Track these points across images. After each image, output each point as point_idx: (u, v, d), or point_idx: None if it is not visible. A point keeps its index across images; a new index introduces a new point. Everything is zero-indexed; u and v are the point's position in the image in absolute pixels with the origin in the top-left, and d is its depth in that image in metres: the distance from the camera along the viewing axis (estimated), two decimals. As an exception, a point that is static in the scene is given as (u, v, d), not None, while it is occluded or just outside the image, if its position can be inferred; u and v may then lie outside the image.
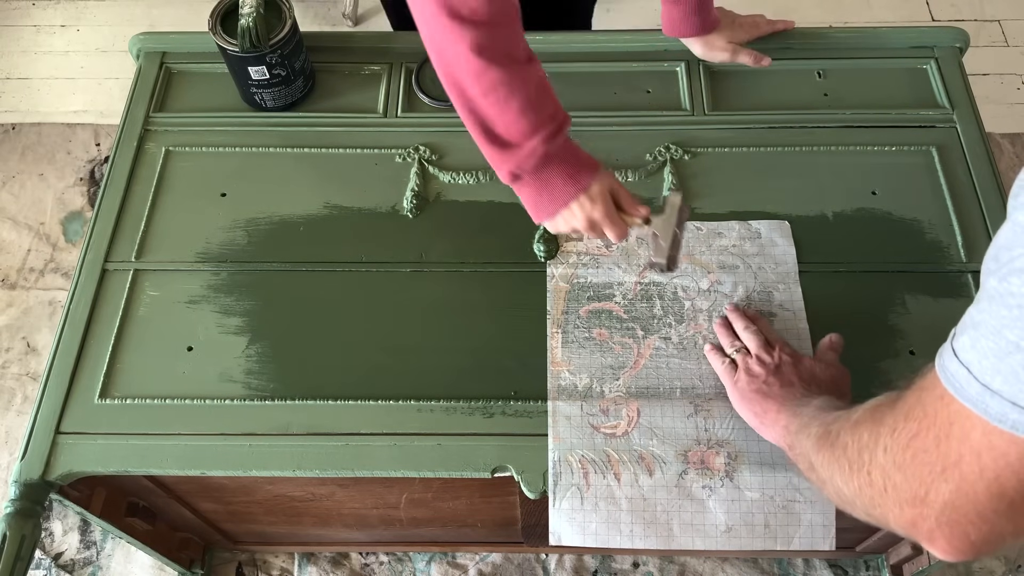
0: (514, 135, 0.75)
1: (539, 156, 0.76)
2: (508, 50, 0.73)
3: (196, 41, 1.14)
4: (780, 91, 1.11)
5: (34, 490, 0.85)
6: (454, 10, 0.70)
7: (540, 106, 0.75)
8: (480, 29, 0.70)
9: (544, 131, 0.75)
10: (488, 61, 0.71)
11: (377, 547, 1.36)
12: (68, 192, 1.78)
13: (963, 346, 0.44)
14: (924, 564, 1.18)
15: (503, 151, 0.76)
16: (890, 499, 0.51)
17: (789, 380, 0.80)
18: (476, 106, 0.74)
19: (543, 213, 0.81)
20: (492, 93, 0.73)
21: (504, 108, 0.73)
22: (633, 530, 0.85)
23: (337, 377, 0.91)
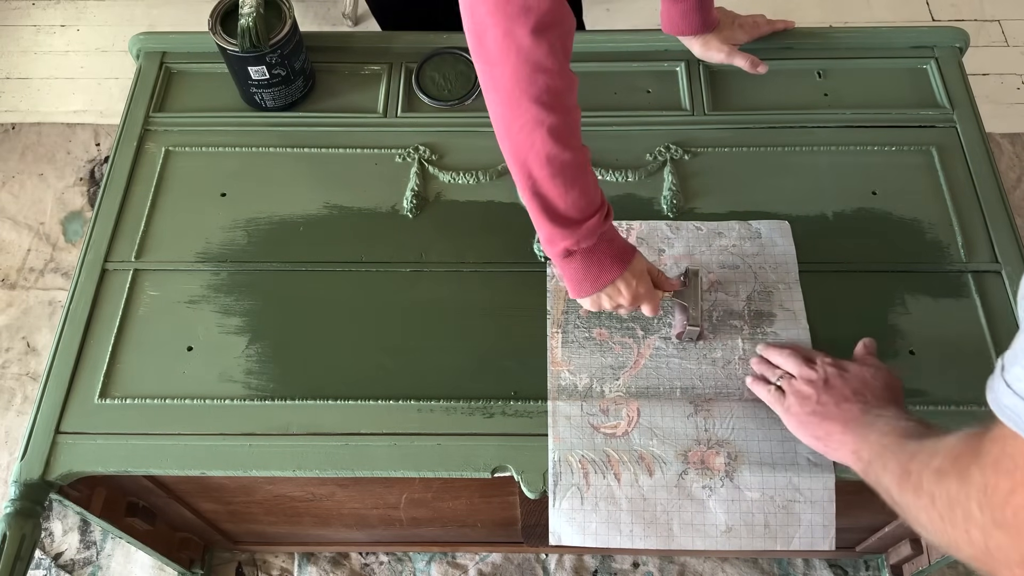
0: (574, 213, 0.77)
1: (597, 235, 0.79)
2: (575, 134, 0.75)
3: (196, 41, 1.14)
4: (780, 91, 1.11)
5: (34, 490, 0.85)
6: (538, 96, 0.71)
7: (595, 188, 0.79)
8: (558, 115, 0.72)
9: (602, 211, 0.79)
10: (563, 146, 0.73)
11: (377, 547, 1.36)
12: (68, 192, 1.78)
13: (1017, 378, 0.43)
14: (924, 564, 1.18)
15: (563, 228, 0.78)
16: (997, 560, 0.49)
17: (843, 395, 0.78)
18: (543, 187, 0.76)
19: (588, 288, 0.83)
20: (560, 175, 0.75)
21: (569, 189, 0.76)
22: (633, 530, 0.85)
23: (337, 377, 0.91)
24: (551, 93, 0.71)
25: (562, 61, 0.72)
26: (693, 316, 0.89)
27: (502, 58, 0.70)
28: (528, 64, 0.70)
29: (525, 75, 0.70)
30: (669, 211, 1.01)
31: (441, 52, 1.14)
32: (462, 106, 1.10)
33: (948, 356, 0.77)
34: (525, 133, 0.73)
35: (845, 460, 0.76)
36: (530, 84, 0.71)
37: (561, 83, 0.72)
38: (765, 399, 0.86)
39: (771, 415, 0.87)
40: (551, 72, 0.70)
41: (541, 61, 0.70)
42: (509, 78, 0.71)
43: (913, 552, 1.18)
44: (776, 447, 0.86)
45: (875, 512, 1.12)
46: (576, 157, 0.75)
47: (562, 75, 0.72)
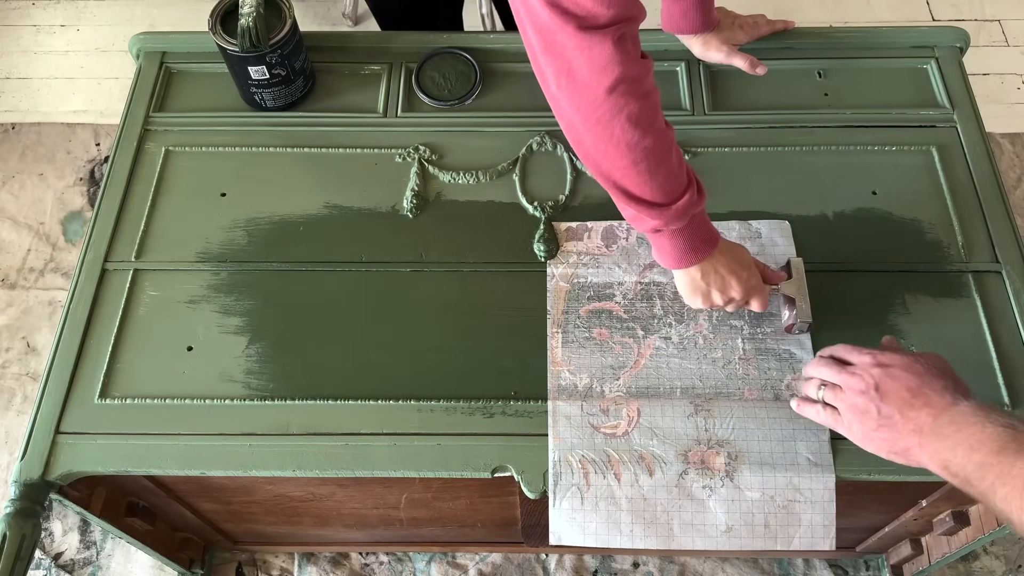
0: (661, 198, 0.77)
1: (686, 217, 0.79)
2: (656, 117, 0.75)
3: (196, 41, 1.14)
4: (780, 91, 1.11)
5: (34, 490, 0.85)
6: (613, 86, 0.71)
7: (680, 171, 0.78)
8: (638, 101, 0.72)
9: (691, 190, 0.79)
10: (643, 132, 0.73)
11: (377, 547, 1.36)
12: (68, 192, 1.78)
13: None
14: (924, 564, 1.18)
15: (649, 209, 0.78)
16: None
17: (903, 399, 0.72)
18: (624, 175, 0.76)
19: (682, 261, 0.84)
20: (643, 162, 0.75)
21: (652, 176, 0.76)
22: (633, 530, 0.85)
23: (337, 377, 0.91)
24: (628, 81, 0.71)
25: (633, 49, 0.72)
26: (803, 308, 0.88)
27: (576, 54, 0.70)
28: (602, 59, 0.70)
29: (598, 68, 0.70)
30: (669, 211, 1.01)
31: (441, 52, 1.14)
32: (462, 106, 1.10)
33: (948, 356, 0.77)
34: (603, 125, 0.73)
35: (934, 470, 0.70)
36: (604, 76, 0.70)
37: (636, 69, 0.72)
38: (820, 422, 0.80)
39: (771, 415, 0.87)
40: (624, 62, 0.70)
41: (612, 54, 0.69)
42: (585, 73, 0.71)
43: (913, 552, 1.18)
44: (776, 447, 0.86)
45: (875, 512, 1.12)
46: (658, 141, 0.74)
47: (636, 62, 0.72)
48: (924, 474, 0.76)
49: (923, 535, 1.17)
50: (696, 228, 0.82)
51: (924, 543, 1.17)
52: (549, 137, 1.06)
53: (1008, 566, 1.34)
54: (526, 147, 1.06)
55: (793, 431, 0.86)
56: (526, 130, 1.07)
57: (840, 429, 0.78)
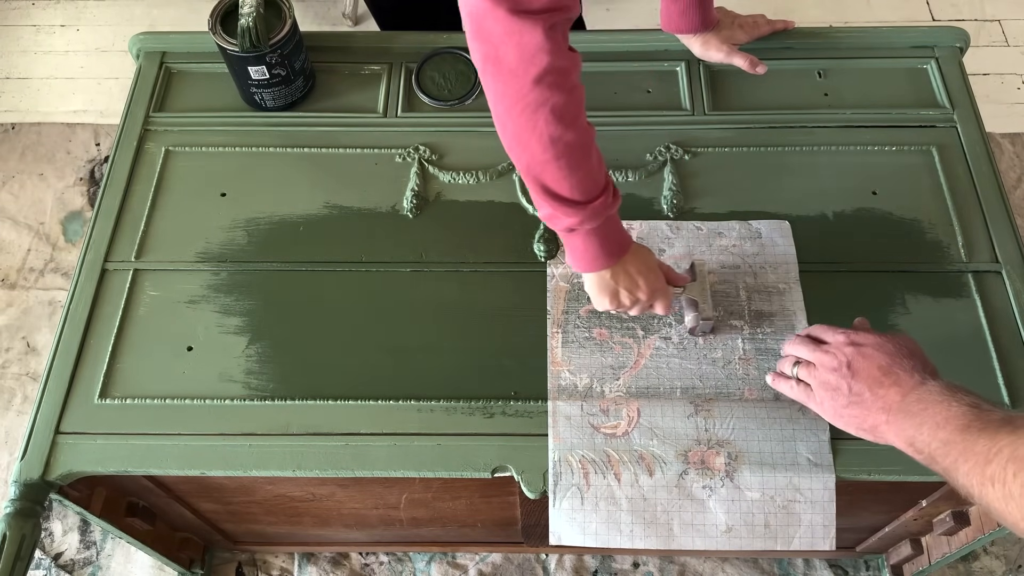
0: (578, 195, 0.77)
1: (603, 216, 0.79)
2: (580, 113, 0.75)
3: (196, 41, 1.14)
4: (780, 91, 1.11)
5: (34, 490, 0.85)
6: (540, 76, 0.70)
7: (600, 169, 0.78)
8: (564, 95, 0.72)
9: (608, 192, 0.79)
10: (566, 127, 0.73)
11: (377, 547, 1.36)
12: (68, 192, 1.78)
13: None
14: (924, 564, 1.18)
15: (567, 207, 0.78)
16: None
17: (873, 377, 0.74)
18: (546, 169, 0.76)
19: (594, 264, 0.83)
20: (565, 156, 0.74)
21: (572, 172, 0.76)
22: (633, 530, 0.85)
23: (337, 377, 0.91)
24: (555, 73, 0.71)
25: (563, 41, 0.71)
26: (704, 309, 0.90)
27: (505, 39, 0.70)
28: (531, 46, 0.69)
29: (527, 56, 0.70)
30: (669, 211, 1.01)
31: (441, 52, 1.14)
32: (462, 106, 1.10)
33: (948, 356, 0.77)
34: (527, 114, 0.73)
35: (900, 447, 0.72)
36: (532, 64, 0.70)
37: (565, 62, 0.71)
38: (792, 396, 0.83)
39: (771, 415, 0.87)
40: (554, 52, 0.70)
41: (543, 42, 0.69)
42: (512, 59, 0.70)
43: (913, 552, 1.18)
44: (776, 447, 0.86)
45: (875, 512, 1.12)
46: (580, 137, 0.74)
47: (565, 55, 0.72)
48: (924, 474, 0.76)
49: (923, 535, 1.17)
50: (610, 230, 0.82)
51: (924, 543, 1.17)
52: (549, 137, 1.06)
53: (1008, 566, 1.34)
54: (526, 147, 1.06)
55: (793, 431, 0.86)
56: (526, 130, 1.07)
57: (811, 405, 0.81)
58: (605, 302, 0.87)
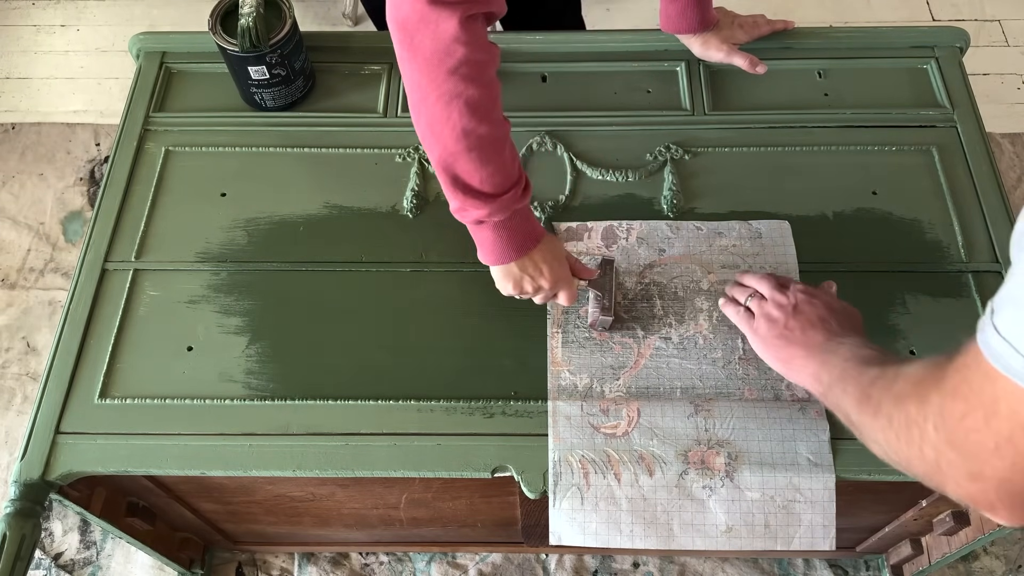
0: (488, 188, 0.77)
1: (511, 210, 0.79)
2: (495, 107, 0.75)
3: (196, 41, 1.14)
4: (780, 91, 1.11)
5: (34, 490, 0.85)
6: (456, 68, 0.71)
7: (513, 163, 0.79)
8: (478, 88, 0.72)
9: (518, 186, 0.79)
10: (479, 120, 0.73)
11: (377, 547, 1.36)
12: (68, 192, 1.78)
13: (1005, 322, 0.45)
14: (924, 564, 1.18)
15: (475, 200, 0.78)
16: (947, 476, 0.53)
17: (809, 321, 0.81)
18: (457, 161, 0.76)
19: (502, 257, 0.83)
20: (477, 149, 0.74)
21: (484, 164, 0.76)
22: (633, 530, 0.85)
23: (337, 377, 0.91)
24: (469, 65, 0.70)
25: (481, 33, 0.71)
26: (607, 306, 0.90)
27: (420, 26, 0.70)
28: (446, 36, 0.69)
29: (443, 47, 0.70)
30: (669, 211, 1.01)
31: (441, 52, 1.14)
32: (462, 106, 1.10)
33: (948, 356, 0.77)
34: (441, 105, 0.73)
35: (805, 384, 0.79)
36: (448, 55, 0.70)
37: (482, 55, 0.71)
38: (733, 319, 0.88)
39: (771, 415, 0.87)
40: (470, 44, 0.70)
41: (459, 33, 0.69)
42: (428, 48, 0.70)
43: (913, 552, 1.18)
44: (776, 447, 0.86)
45: (875, 512, 1.12)
46: (494, 131, 0.74)
47: (482, 47, 0.71)
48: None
49: (923, 535, 1.17)
50: (519, 224, 0.81)
51: (924, 543, 1.17)
52: (549, 137, 1.06)
53: (1008, 566, 1.34)
54: (526, 147, 1.06)
55: (793, 431, 0.86)
56: (526, 130, 1.07)
57: (746, 330, 0.87)
58: (508, 287, 0.86)
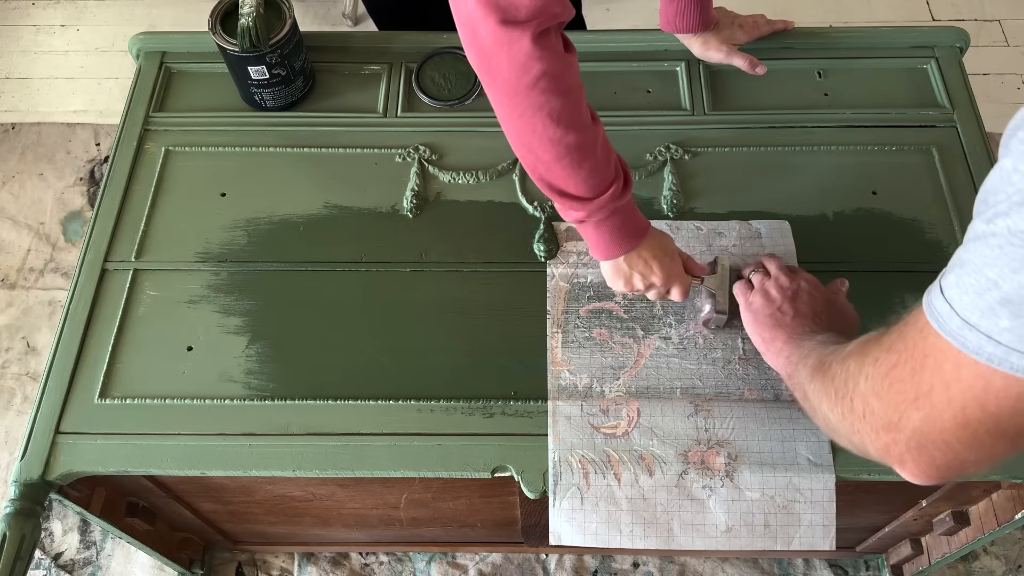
0: (584, 192, 0.78)
1: (610, 208, 0.80)
2: (579, 114, 0.75)
3: (196, 41, 1.14)
4: (780, 91, 1.11)
5: (34, 490, 0.85)
6: (534, 83, 0.71)
7: (606, 166, 0.79)
8: (559, 98, 0.73)
9: (616, 186, 0.79)
10: (565, 129, 0.74)
11: (377, 547, 1.36)
12: (68, 192, 1.78)
13: (949, 283, 0.47)
14: (924, 564, 1.18)
15: (574, 202, 0.79)
16: (867, 425, 0.55)
17: (802, 311, 0.81)
18: (550, 170, 0.77)
19: (608, 252, 0.84)
20: (567, 157, 0.75)
21: (576, 171, 0.76)
22: (633, 530, 0.85)
23: (337, 377, 0.91)
24: (548, 78, 0.71)
25: (555, 45, 0.72)
26: (720, 303, 0.90)
27: (496, 49, 0.70)
28: (522, 54, 0.70)
29: (520, 65, 0.70)
30: (669, 211, 1.01)
31: (441, 52, 1.14)
32: (462, 106, 1.10)
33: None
34: (526, 120, 0.74)
35: (777, 366, 0.80)
36: (525, 72, 0.71)
37: (558, 67, 0.72)
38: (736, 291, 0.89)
39: (771, 415, 0.87)
40: (545, 58, 0.70)
41: (533, 50, 0.70)
42: (505, 68, 0.71)
43: (913, 552, 1.18)
44: (776, 447, 0.86)
45: (875, 512, 1.12)
46: (581, 137, 0.75)
47: (558, 58, 0.72)
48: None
49: (923, 535, 1.17)
50: (622, 220, 0.82)
51: (924, 543, 1.17)
52: (549, 137, 1.06)
53: (1008, 566, 1.34)
54: (526, 147, 1.06)
55: (793, 431, 0.86)
56: (526, 130, 1.07)
57: (741, 300, 0.88)
58: (620, 284, 0.87)
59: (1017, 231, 0.40)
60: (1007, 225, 0.41)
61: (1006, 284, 0.42)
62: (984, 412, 0.46)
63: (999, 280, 0.42)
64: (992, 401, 0.46)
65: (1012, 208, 0.41)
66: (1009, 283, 0.41)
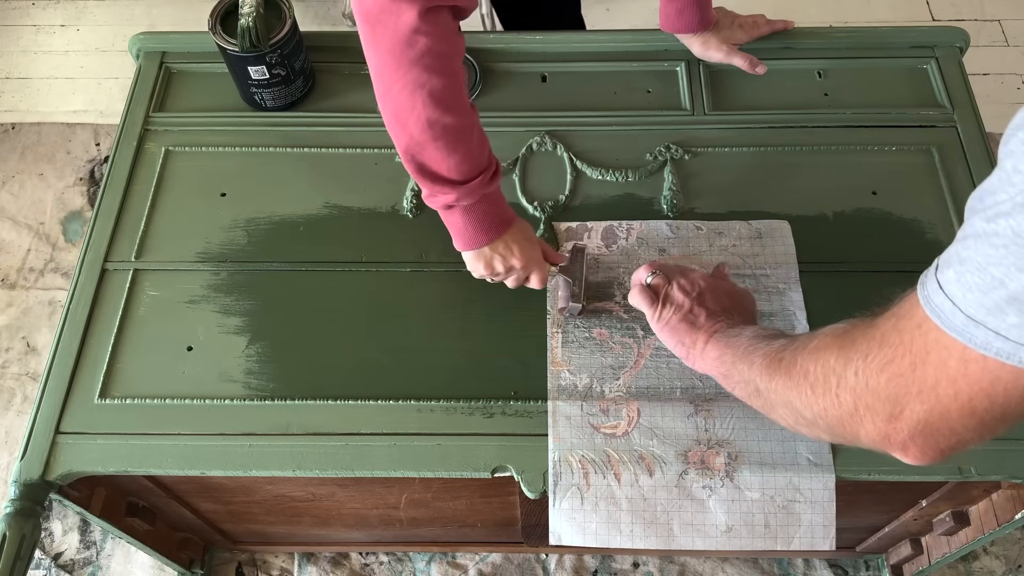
0: (456, 176, 0.78)
1: (479, 195, 0.80)
2: (459, 98, 0.76)
3: (196, 41, 1.14)
4: (780, 91, 1.11)
5: (34, 490, 0.85)
6: (418, 58, 0.72)
7: (480, 150, 0.79)
8: (442, 78, 0.73)
9: (487, 173, 0.80)
10: (444, 110, 0.74)
11: (377, 547, 1.36)
12: (68, 192, 1.78)
13: (948, 280, 0.47)
14: (924, 564, 1.18)
15: (443, 186, 0.79)
16: (862, 418, 0.55)
17: (712, 309, 0.81)
18: (424, 150, 0.77)
19: (471, 242, 0.85)
20: (443, 139, 0.76)
21: (451, 153, 0.77)
22: (633, 530, 0.85)
23: (337, 377, 0.91)
24: (432, 56, 0.71)
25: (445, 25, 0.72)
26: (576, 292, 0.90)
27: (382, 17, 0.70)
28: (406, 27, 0.70)
29: (404, 37, 0.71)
30: (669, 211, 1.01)
31: (441, 52, 1.14)
32: (462, 106, 1.10)
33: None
34: (406, 95, 0.74)
35: (707, 367, 0.78)
36: (409, 46, 0.71)
37: (444, 47, 0.72)
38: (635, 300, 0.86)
39: (771, 415, 0.87)
40: (431, 35, 0.71)
41: (419, 24, 0.70)
42: (390, 39, 0.71)
43: (913, 552, 1.18)
44: (776, 447, 0.86)
45: (875, 512, 1.12)
46: (459, 121, 0.75)
47: (446, 39, 0.72)
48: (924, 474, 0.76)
49: (923, 535, 1.17)
50: (488, 208, 0.82)
51: (924, 543, 1.17)
52: (549, 137, 1.06)
53: (1008, 566, 1.34)
54: (526, 147, 1.06)
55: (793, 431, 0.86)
56: (526, 130, 1.07)
57: (647, 310, 0.84)
58: (480, 268, 0.87)
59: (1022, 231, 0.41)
60: (1010, 225, 0.42)
61: (1012, 283, 0.42)
62: (992, 403, 0.48)
63: (1005, 279, 0.43)
64: (1000, 393, 0.47)
65: (1015, 209, 0.41)
66: (1016, 282, 0.42)
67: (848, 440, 0.59)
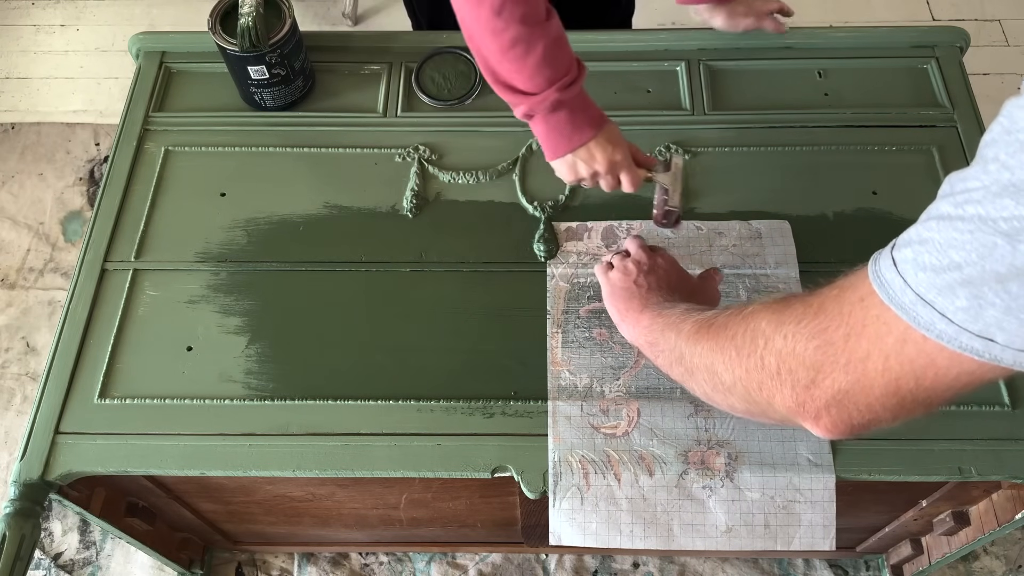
0: (530, 87, 0.79)
1: (552, 102, 0.80)
2: (526, 10, 0.76)
3: (196, 41, 1.14)
4: (780, 91, 1.10)
5: (34, 490, 0.85)
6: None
7: (555, 60, 0.79)
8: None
9: (560, 82, 0.80)
10: (507, 21, 0.75)
11: (377, 547, 1.36)
12: (68, 192, 1.78)
13: (904, 258, 0.47)
14: (924, 564, 1.18)
15: (519, 96, 0.81)
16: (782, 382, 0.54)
17: (658, 284, 0.82)
18: (494, 62, 0.79)
19: (558, 150, 0.85)
20: (511, 50, 0.77)
21: (522, 64, 0.78)
22: (633, 530, 0.85)
23: (337, 377, 0.91)
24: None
25: None
26: (673, 198, 0.89)
27: None
28: None
29: None
30: (669, 211, 1.01)
31: (441, 52, 1.14)
32: (462, 106, 1.10)
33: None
34: (470, 7, 0.76)
35: (635, 335, 0.78)
36: None
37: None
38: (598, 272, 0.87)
39: (771, 415, 0.87)
40: None
41: None
42: None
43: (913, 552, 1.18)
44: (776, 447, 0.86)
45: (875, 512, 1.12)
46: (525, 32, 0.76)
47: None
48: (924, 474, 0.76)
49: (923, 535, 1.17)
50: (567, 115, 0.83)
51: (924, 543, 1.17)
52: (549, 137, 1.06)
53: (1008, 566, 1.34)
54: (526, 147, 1.06)
55: (793, 431, 0.86)
56: (526, 130, 1.06)
57: (602, 279, 0.86)
58: (563, 171, 0.88)
59: (989, 219, 0.41)
60: (978, 213, 0.41)
61: (969, 268, 0.42)
62: (918, 385, 0.47)
63: (963, 263, 0.42)
64: (930, 376, 0.47)
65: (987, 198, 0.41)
66: (973, 267, 0.42)
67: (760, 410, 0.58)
